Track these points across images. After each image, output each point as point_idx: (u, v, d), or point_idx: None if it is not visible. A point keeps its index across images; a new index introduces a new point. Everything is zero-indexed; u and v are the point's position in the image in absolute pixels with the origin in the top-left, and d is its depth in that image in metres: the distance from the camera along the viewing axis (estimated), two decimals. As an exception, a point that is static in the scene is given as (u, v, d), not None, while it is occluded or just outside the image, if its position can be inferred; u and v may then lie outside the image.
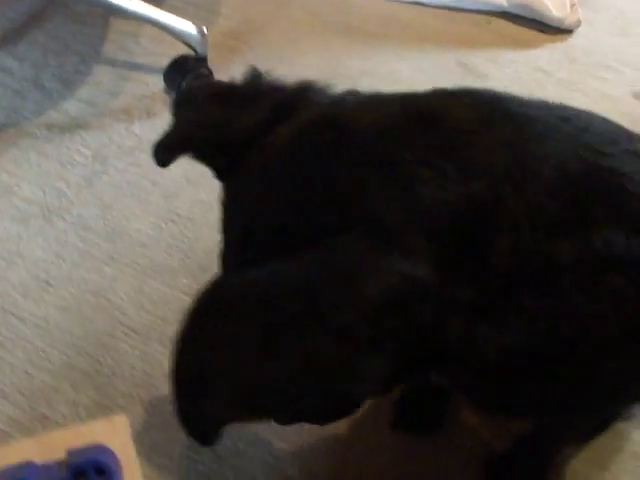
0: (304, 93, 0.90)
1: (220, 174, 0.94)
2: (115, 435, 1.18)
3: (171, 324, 1.34)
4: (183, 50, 1.74)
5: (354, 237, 0.69)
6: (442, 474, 1.17)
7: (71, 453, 1.13)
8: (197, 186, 1.55)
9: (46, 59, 1.83)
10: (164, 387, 1.25)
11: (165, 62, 1.75)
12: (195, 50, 1.73)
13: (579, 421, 1.02)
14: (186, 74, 1.70)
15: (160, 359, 1.29)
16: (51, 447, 1.16)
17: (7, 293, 1.39)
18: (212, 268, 1.40)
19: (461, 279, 0.72)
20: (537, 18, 1.80)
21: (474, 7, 1.83)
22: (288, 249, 0.72)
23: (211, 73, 1.74)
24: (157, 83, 1.76)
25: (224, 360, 0.72)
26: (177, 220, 1.50)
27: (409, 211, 0.71)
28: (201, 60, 1.73)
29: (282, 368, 0.69)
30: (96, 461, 1.12)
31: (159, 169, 1.54)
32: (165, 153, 0.95)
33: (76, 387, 1.26)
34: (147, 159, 1.58)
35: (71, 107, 1.72)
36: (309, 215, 0.74)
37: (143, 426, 1.22)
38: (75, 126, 1.68)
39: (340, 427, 1.21)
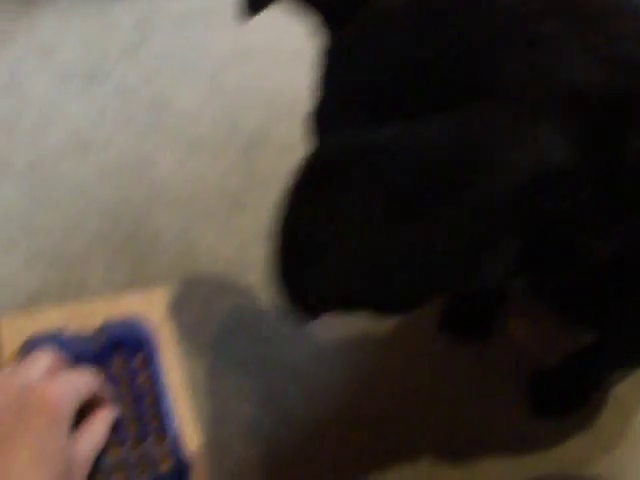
0: None
1: (326, 21, 0.81)
2: (152, 309, 1.13)
3: (214, 198, 1.27)
4: None
5: (497, 105, 0.60)
6: (484, 384, 1.12)
7: (105, 324, 1.07)
8: (245, 62, 1.46)
9: None
10: (203, 264, 1.19)
11: None
12: None
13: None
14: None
15: (200, 236, 1.22)
16: (84, 317, 1.11)
17: (44, 154, 1.32)
18: (257, 147, 1.34)
19: (595, 173, 0.63)
20: None
21: None
22: (408, 112, 0.64)
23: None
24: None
25: (343, 225, 0.64)
26: (224, 94, 1.41)
27: (555, 86, 0.62)
28: None
29: (405, 239, 0.61)
30: (134, 334, 1.06)
31: (207, 40, 1.48)
32: None
33: (112, 257, 1.20)
34: (194, 30, 1.51)
35: (117, -32, 1.62)
36: (438, 76, 0.65)
37: (180, 303, 1.16)
38: (120, -11, 1.58)
39: (385, 326, 1.16)
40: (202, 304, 1.16)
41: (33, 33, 1.50)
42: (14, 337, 1.09)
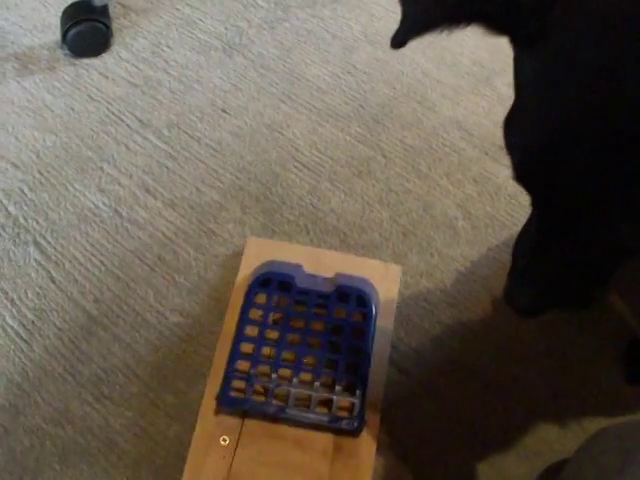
0: None
1: (513, 40, 0.75)
2: (385, 279, 1.20)
3: (341, 165, 1.35)
4: None
5: None
6: (584, 350, 1.17)
7: (339, 275, 1.16)
8: (375, 44, 1.55)
9: None
10: (328, 223, 1.28)
11: None
12: None
13: None
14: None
15: (328, 195, 1.31)
16: (322, 262, 1.19)
17: (184, 114, 1.42)
18: (384, 121, 1.42)
19: None
20: None
21: None
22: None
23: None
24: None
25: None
26: (354, 72, 1.51)
27: None
28: None
29: None
30: (362, 292, 1.14)
31: (339, 23, 1.58)
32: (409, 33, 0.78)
33: (244, 208, 1.29)
34: (328, 13, 1.61)
35: (256, -45, 1.73)
36: None
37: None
38: (259, -27, 1.69)
39: (489, 289, 1.23)
40: (324, 259, 1.24)
41: (175, 8, 1.61)
42: (255, 257, 1.21)
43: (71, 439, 1.06)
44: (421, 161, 1.37)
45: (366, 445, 1.05)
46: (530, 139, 0.68)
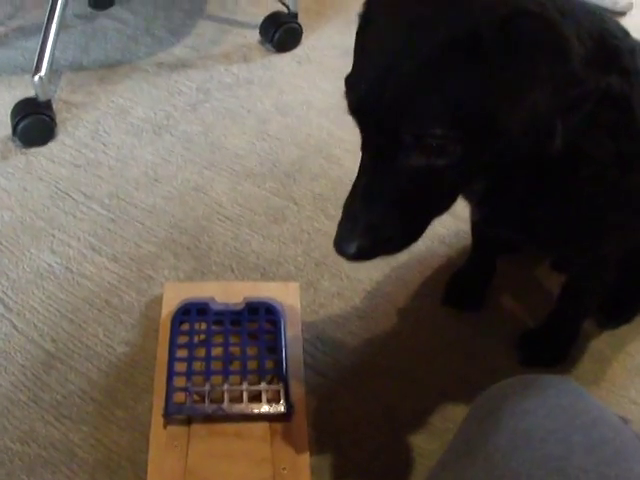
0: None
1: None
2: (287, 296, 1.43)
3: (259, 215, 1.58)
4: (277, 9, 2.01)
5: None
6: (481, 344, 1.38)
7: (247, 298, 1.38)
8: (285, 115, 1.81)
9: (156, 13, 2.11)
10: (251, 260, 1.49)
11: (260, 20, 2.01)
12: (287, 7, 1.99)
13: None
14: (279, 27, 1.96)
15: (248, 239, 1.53)
16: (231, 292, 1.41)
17: (122, 186, 1.64)
18: (295, 176, 1.65)
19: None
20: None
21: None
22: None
23: (301, 28, 2.00)
24: (253, 36, 2.02)
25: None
26: (267, 139, 1.75)
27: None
28: (292, 16, 1.99)
29: None
30: (268, 304, 1.37)
31: (253, 100, 1.84)
32: None
33: (177, 256, 1.51)
34: (243, 92, 1.86)
35: (178, 51, 1.99)
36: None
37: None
38: (181, 65, 1.95)
39: (395, 300, 1.44)
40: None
41: (111, 100, 1.85)
42: (173, 299, 1.40)
43: (36, 454, 1.23)
44: (328, 205, 1.60)
45: (298, 427, 1.24)
46: (360, 81, 0.90)
